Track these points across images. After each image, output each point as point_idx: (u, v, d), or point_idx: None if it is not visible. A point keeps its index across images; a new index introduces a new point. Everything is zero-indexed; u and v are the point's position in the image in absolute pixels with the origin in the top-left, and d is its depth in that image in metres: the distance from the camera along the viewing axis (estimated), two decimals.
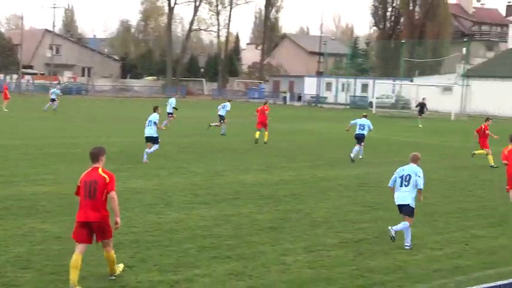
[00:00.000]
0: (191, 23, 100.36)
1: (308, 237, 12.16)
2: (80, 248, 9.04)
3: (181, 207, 14.35)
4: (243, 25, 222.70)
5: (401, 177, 11.93)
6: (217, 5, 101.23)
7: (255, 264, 10.29)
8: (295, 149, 27.47)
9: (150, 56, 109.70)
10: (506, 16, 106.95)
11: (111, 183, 9.16)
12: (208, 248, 11.13)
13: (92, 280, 9.25)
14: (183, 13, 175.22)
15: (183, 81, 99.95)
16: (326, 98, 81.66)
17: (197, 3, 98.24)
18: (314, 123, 44.66)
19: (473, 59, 77.59)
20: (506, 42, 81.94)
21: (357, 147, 24.06)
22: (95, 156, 9.37)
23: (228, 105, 33.44)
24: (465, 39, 74.73)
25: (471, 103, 66.08)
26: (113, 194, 9.14)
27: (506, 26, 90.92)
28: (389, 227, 11.68)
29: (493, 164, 23.15)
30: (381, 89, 74.41)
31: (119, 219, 9.23)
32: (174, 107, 36.24)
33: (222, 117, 32.79)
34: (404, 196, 11.75)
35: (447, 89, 68.03)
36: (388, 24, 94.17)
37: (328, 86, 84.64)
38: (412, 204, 11.74)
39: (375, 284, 9.60)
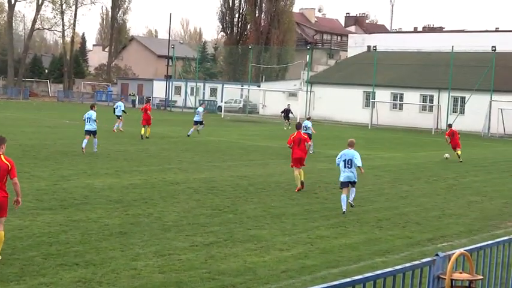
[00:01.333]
0: (34, 22, 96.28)
1: (159, 241, 12.09)
2: None
3: (25, 214, 13.71)
4: (89, 26, 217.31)
5: (344, 161, 16.19)
6: (61, 4, 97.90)
7: (104, 271, 10.06)
8: (144, 152, 27.19)
9: None
10: (345, 26, 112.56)
11: (13, 170, 10.41)
12: (55, 255, 10.74)
13: None
14: (25, 11, 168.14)
15: (26, 82, 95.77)
16: (175, 101, 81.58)
17: (40, 1, 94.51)
18: (163, 126, 44.42)
19: (316, 66, 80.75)
20: (346, 51, 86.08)
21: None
22: None
23: (200, 109, 38.12)
24: (308, 47, 77.59)
25: (315, 108, 68.72)
26: (16, 180, 10.44)
27: (346, 35, 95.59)
28: (350, 201, 16.06)
29: (461, 159, 29.83)
30: (229, 94, 75.51)
31: (20, 199, 10.62)
32: (123, 110, 37.56)
33: (198, 122, 36.58)
34: (350, 176, 16.15)
35: (292, 94, 70.31)
36: (235, 30, 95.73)
37: (177, 89, 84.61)
38: (356, 179, 16.26)
39: (225, 286, 9.71)
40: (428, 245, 13.01)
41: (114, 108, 38.65)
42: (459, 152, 30.22)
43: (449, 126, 32.26)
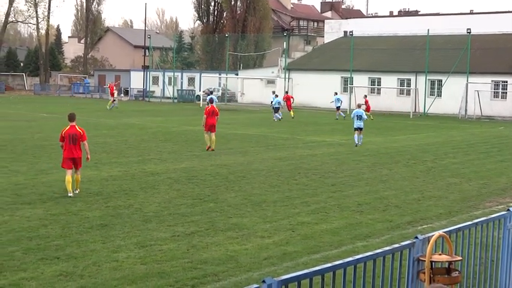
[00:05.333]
0: (7, 15, 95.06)
1: (140, 232, 12.06)
2: (69, 172, 15.21)
3: (3, 209, 13.62)
4: (64, 17, 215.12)
5: (356, 116, 28.15)
6: None
7: (86, 264, 10.02)
8: (123, 144, 27.07)
9: None
10: (321, 12, 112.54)
11: (84, 135, 15.37)
12: (35, 250, 10.67)
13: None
14: None
15: (2, 76, 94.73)
16: (153, 92, 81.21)
17: None
18: (141, 117, 44.27)
19: (294, 52, 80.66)
20: (323, 37, 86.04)
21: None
22: (73, 118, 15.49)
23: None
24: (285, 34, 77.46)
25: (294, 95, 68.72)
26: (86, 142, 15.49)
27: (322, 21, 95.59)
28: (357, 143, 27.86)
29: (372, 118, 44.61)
30: (207, 83, 75.22)
31: (89, 156, 15.89)
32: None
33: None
34: (360, 124, 27.99)
35: (270, 81, 70.26)
36: (211, 19, 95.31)
37: (155, 79, 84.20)
38: (363, 127, 28.31)
39: (207, 275, 9.71)
40: (408, 228, 13.11)
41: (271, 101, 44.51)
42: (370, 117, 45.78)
43: (365, 96, 51.76)
